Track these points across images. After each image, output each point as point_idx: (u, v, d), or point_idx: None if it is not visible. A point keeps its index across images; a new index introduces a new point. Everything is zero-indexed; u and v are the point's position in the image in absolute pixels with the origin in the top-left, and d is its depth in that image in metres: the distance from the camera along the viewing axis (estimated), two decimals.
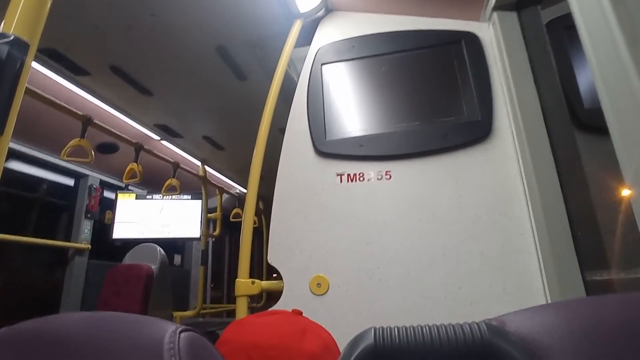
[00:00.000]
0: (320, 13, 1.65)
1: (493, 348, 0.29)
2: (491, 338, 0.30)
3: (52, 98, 2.05)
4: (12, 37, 0.53)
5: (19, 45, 0.54)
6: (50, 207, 3.12)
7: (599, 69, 0.80)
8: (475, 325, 0.31)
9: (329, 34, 1.61)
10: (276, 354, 0.55)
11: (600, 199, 1.14)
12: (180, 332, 0.36)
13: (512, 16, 1.35)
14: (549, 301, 1.10)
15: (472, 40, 1.42)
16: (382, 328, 0.32)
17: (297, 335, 0.61)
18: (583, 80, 1.28)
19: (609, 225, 1.11)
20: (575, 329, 0.30)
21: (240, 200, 4.42)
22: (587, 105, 1.25)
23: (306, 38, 1.64)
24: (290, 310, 0.76)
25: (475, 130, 1.32)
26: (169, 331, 0.35)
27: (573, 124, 1.23)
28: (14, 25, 0.55)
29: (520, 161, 1.24)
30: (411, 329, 0.31)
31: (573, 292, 1.05)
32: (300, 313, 0.74)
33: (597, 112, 1.05)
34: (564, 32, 1.33)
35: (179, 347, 0.34)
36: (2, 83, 0.52)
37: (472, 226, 1.23)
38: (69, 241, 3.05)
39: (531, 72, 1.28)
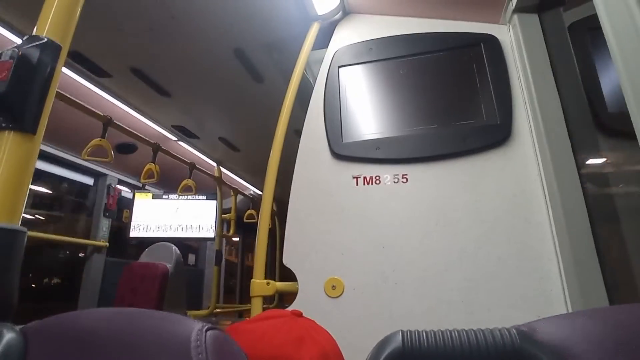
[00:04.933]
0: (337, 16, 1.65)
1: (524, 355, 0.29)
2: (522, 344, 0.29)
3: (74, 99, 2.10)
4: (45, 40, 0.55)
5: (52, 48, 0.56)
6: (70, 205, 3.20)
7: (626, 71, 0.78)
8: (506, 330, 0.30)
9: (346, 36, 1.61)
10: None
11: (625, 205, 1.11)
12: (207, 330, 0.36)
13: (533, 18, 1.33)
14: (570, 308, 1.08)
15: (491, 43, 1.40)
16: (410, 331, 0.32)
17: (294, 344, 0.58)
18: (607, 84, 1.25)
19: (633, 231, 1.08)
20: (608, 337, 0.29)
21: (254, 201, 4.44)
22: (611, 108, 1.22)
23: (323, 41, 1.65)
24: (290, 311, 0.72)
25: (494, 133, 1.30)
26: (196, 329, 0.36)
27: (596, 128, 1.21)
28: (46, 28, 0.57)
29: (541, 165, 1.22)
30: (439, 332, 0.31)
31: (595, 299, 1.03)
32: (300, 314, 0.71)
33: (621, 116, 1.02)
34: (587, 34, 1.30)
35: (205, 345, 0.35)
36: (35, 84, 0.54)
37: (490, 231, 1.21)
38: (88, 239, 3.12)
39: (552, 75, 1.26)
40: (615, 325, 0.29)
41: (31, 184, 0.55)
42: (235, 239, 5.44)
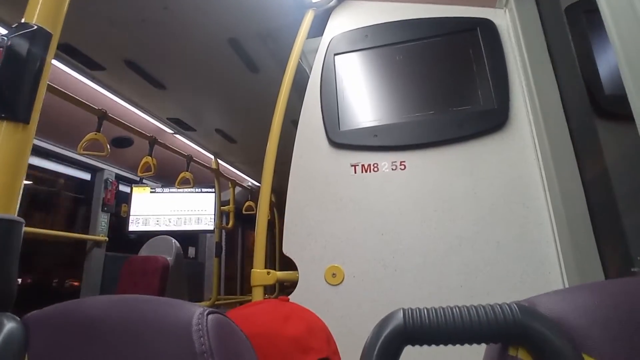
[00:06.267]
0: (332, 3, 1.63)
1: (525, 329, 0.29)
2: (523, 319, 0.29)
3: (68, 92, 2.08)
4: (35, 27, 0.54)
5: (42, 35, 0.55)
6: (68, 201, 3.19)
7: (624, 53, 0.77)
8: (507, 306, 0.31)
9: (341, 23, 1.59)
10: (259, 342, 0.56)
11: (622, 188, 1.11)
12: (208, 314, 0.36)
13: (530, 2, 1.32)
14: None
15: (487, 27, 1.39)
16: (411, 309, 0.32)
17: (279, 321, 0.61)
18: (604, 66, 1.24)
19: (631, 214, 1.09)
20: (609, 309, 0.29)
21: (252, 193, 4.45)
22: (607, 91, 1.21)
23: (318, 29, 1.63)
24: (277, 298, 0.76)
25: (491, 118, 1.30)
26: (197, 313, 0.36)
27: (593, 111, 1.20)
28: (36, 15, 0.56)
29: (538, 149, 1.22)
30: (440, 309, 0.31)
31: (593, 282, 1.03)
32: (287, 299, 0.74)
33: (618, 99, 1.02)
34: (584, 17, 1.29)
35: (207, 329, 0.35)
36: (27, 72, 0.53)
37: (489, 216, 1.22)
38: (87, 234, 3.12)
39: (549, 59, 1.25)
40: (616, 298, 0.30)
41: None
42: None
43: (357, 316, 1.22)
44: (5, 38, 0.53)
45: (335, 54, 1.53)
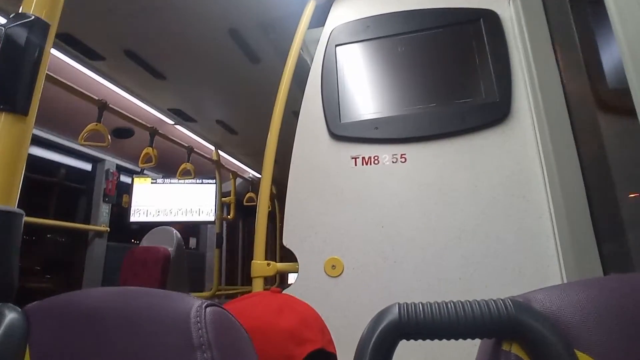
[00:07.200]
0: None
1: (519, 324, 0.29)
2: (517, 314, 0.30)
3: (68, 82, 2.08)
4: (32, 17, 0.54)
5: (40, 26, 0.55)
6: (69, 191, 3.20)
7: (628, 46, 0.76)
8: (501, 301, 0.31)
9: (343, 14, 1.57)
10: (253, 336, 0.56)
11: (623, 183, 1.11)
12: (206, 306, 0.37)
13: None
14: None
15: (491, 19, 1.37)
16: (407, 303, 0.32)
17: (273, 314, 0.61)
18: (607, 60, 1.23)
19: (631, 209, 1.09)
20: (604, 305, 0.29)
21: (253, 184, 4.45)
22: (611, 85, 1.20)
23: (320, 19, 1.61)
24: (269, 289, 0.76)
25: (493, 111, 1.29)
26: (195, 305, 0.36)
27: (596, 105, 1.20)
28: (33, 5, 0.55)
29: (540, 143, 1.22)
30: (436, 304, 0.31)
31: (591, 276, 1.04)
32: (279, 291, 0.74)
33: (621, 93, 1.01)
34: (589, 9, 1.27)
35: (205, 321, 0.35)
36: (25, 63, 0.53)
37: (489, 209, 1.22)
38: (89, 224, 3.14)
39: (553, 51, 1.24)
40: (611, 294, 0.30)
41: None
42: None
43: (356, 308, 1.23)
44: (3, 28, 0.52)
45: (336, 45, 1.51)
